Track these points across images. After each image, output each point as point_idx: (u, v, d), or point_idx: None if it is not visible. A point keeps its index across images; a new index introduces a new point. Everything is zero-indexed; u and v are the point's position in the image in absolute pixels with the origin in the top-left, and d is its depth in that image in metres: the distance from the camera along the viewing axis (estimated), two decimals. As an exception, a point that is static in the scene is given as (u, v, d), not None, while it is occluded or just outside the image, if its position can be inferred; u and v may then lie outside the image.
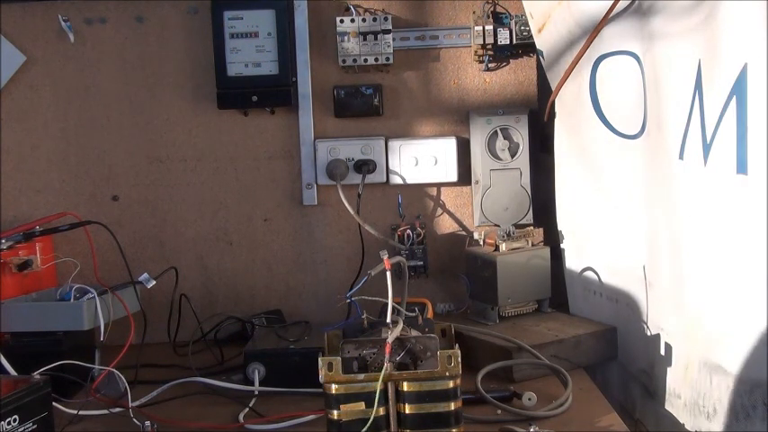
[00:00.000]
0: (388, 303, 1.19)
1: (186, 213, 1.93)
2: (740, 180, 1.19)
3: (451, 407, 1.14)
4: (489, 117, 1.85)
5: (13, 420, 1.19)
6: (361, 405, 1.13)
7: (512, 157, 1.85)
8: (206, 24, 1.85)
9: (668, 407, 1.46)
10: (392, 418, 1.14)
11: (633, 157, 1.56)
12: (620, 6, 1.48)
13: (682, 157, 1.36)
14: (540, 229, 1.90)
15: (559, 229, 1.81)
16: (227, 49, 1.83)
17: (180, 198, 1.93)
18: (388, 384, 1.13)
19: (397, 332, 1.14)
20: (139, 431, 1.33)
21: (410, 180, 1.89)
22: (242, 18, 1.83)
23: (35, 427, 1.23)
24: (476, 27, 1.84)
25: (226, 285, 1.94)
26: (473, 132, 1.86)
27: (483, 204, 1.86)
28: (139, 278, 1.71)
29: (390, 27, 1.85)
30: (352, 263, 1.91)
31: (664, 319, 1.49)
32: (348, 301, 1.67)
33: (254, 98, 1.85)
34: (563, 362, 1.55)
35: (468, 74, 1.90)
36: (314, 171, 1.90)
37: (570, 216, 1.79)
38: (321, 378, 1.14)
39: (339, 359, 1.13)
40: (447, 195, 1.92)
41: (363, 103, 1.88)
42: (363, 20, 1.85)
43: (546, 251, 1.78)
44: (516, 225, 1.82)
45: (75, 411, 1.42)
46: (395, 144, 1.89)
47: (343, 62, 1.86)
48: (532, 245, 1.79)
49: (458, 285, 1.89)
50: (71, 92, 1.91)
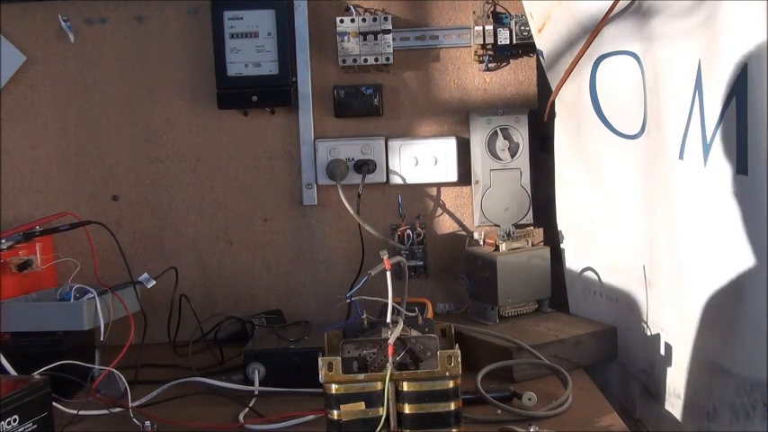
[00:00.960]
0: (388, 303, 1.19)
1: (186, 213, 1.93)
2: (740, 180, 1.19)
3: (451, 407, 1.14)
4: (489, 117, 1.85)
5: (13, 420, 1.19)
6: (361, 405, 1.13)
7: (512, 157, 1.85)
8: (206, 24, 1.85)
9: (668, 407, 1.46)
10: (392, 418, 1.14)
11: (633, 157, 1.56)
12: (620, 6, 1.48)
13: (682, 157, 1.36)
14: (540, 229, 1.90)
15: (559, 229, 1.81)
16: (227, 49, 1.83)
17: (180, 198, 1.93)
18: (389, 384, 1.13)
19: (398, 332, 1.14)
20: (139, 431, 1.33)
21: (410, 180, 1.89)
22: (242, 18, 1.83)
23: (35, 427, 1.23)
24: (476, 27, 1.84)
25: (226, 285, 1.94)
26: (473, 132, 1.86)
27: (483, 204, 1.86)
28: (139, 278, 1.71)
29: (390, 27, 1.85)
30: (352, 263, 1.91)
31: (664, 319, 1.49)
32: (348, 301, 1.67)
33: (254, 98, 1.85)
34: (563, 362, 1.55)
35: (468, 74, 1.90)
36: (314, 171, 1.90)
37: (570, 216, 1.79)
38: (321, 378, 1.14)
39: (339, 359, 1.13)
40: (447, 195, 1.92)
41: (363, 103, 1.88)
42: (363, 20, 1.85)
43: (546, 251, 1.78)
44: (516, 225, 1.82)
45: (76, 411, 1.42)
46: (395, 144, 1.89)
47: (343, 62, 1.86)
48: (532, 245, 1.79)
49: (458, 285, 1.89)
50: (71, 92, 1.91)
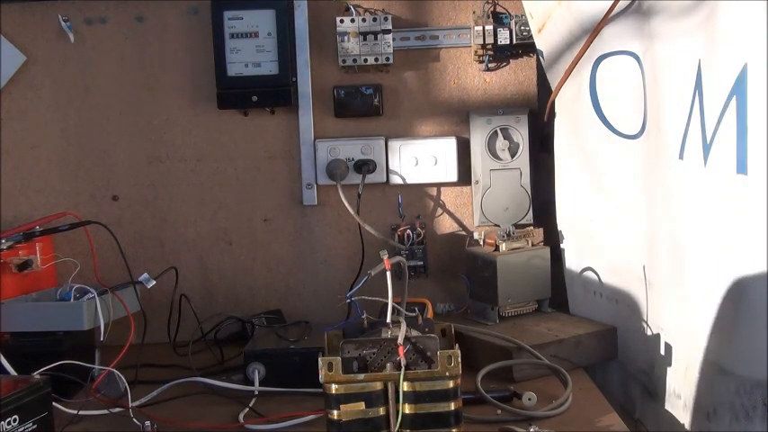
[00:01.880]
0: (388, 303, 1.19)
1: (186, 213, 1.93)
2: (740, 180, 1.19)
3: (451, 407, 1.14)
4: (489, 117, 1.85)
5: (13, 420, 1.19)
6: (361, 405, 1.13)
7: (512, 157, 1.85)
8: (206, 24, 1.85)
9: (668, 407, 1.46)
10: (392, 418, 1.14)
11: (633, 157, 1.56)
12: (620, 6, 1.48)
13: (682, 157, 1.36)
14: (540, 229, 1.90)
15: (559, 229, 1.81)
16: (227, 49, 1.83)
17: (180, 198, 1.93)
18: (389, 384, 1.13)
19: (404, 332, 1.14)
20: (139, 431, 1.33)
21: (410, 180, 1.89)
22: (242, 18, 1.83)
23: (35, 427, 1.23)
24: (476, 27, 1.84)
25: (226, 285, 1.94)
26: (473, 132, 1.86)
27: (483, 204, 1.86)
28: (139, 278, 1.71)
29: (390, 27, 1.85)
30: (352, 263, 1.91)
31: (664, 319, 1.49)
32: (348, 301, 1.67)
33: (254, 98, 1.85)
34: (563, 362, 1.55)
35: (468, 74, 1.90)
36: (314, 171, 1.90)
37: (570, 216, 1.79)
38: (321, 378, 1.14)
39: (339, 359, 1.13)
40: (447, 195, 1.92)
41: (363, 103, 1.88)
42: (363, 20, 1.85)
43: (546, 251, 1.78)
44: (516, 225, 1.82)
45: (76, 411, 1.42)
46: (395, 144, 1.89)
47: (343, 62, 1.86)
48: (532, 245, 1.79)
49: (458, 285, 1.89)
50: (71, 92, 1.91)
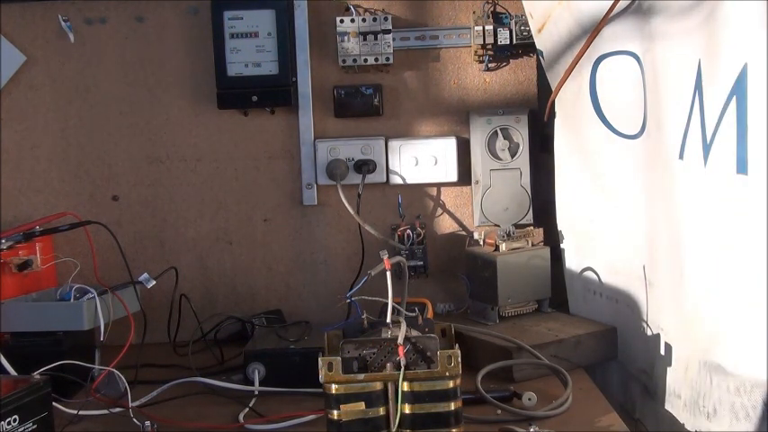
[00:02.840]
0: (388, 303, 1.19)
1: (186, 213, 1.93)
2: (740, 180, 1.19)
3: (451, 407, 1.14)
4: (489, 117, 1.85)
5: (13, 420, 1.19)
6: (361, 405, 1.13)
7: (512, 157, 1.85)
8: (206, 24, 1.85)
9: (668, 407, 1.46)
10: (392, 418, 1.14)
11: (633, 157, 1.56)
12: (620, 6, 1.48)
13: (682, 157, 1.36)
14: (540, 229, 1.89)
15: (559, 229, 1.81)
16: (227, 49, 1.83)
17: (180, 198, 1.93)
18: (389, 384, 1.13)
19: (404, 332, 1.14)
20: (139, 431, 1.33)
21: (410, 180, 1.89)
22: (242, 18, 1.83)
23: (35, 427, 1.23)
24: (476, 27, 1.84)
25: (226, 285, 1.94)
26: (473, 132, 1.86)
27: (483, 204, 1.86)
28: (139, 278, 1.71)
29: (390, 27, 1.85)
30: (352, 263, 1.91)
31: (664, 319, 1.49)
32: (348, 301, 1.67)
33: (254, 98, 1.84)
34: (563, 362, 1.55)
35: (468, 74, 1.90)
36: (314, 171, 1.90)
37: (570, 216, 1.79)
38: (321, 378, 1.14)
39: (339, 359, 1.13)
40: (447, 195, 1.92)
41: (363, 103, 1.88)
42: (363, 20, 1.85)
43: (546, 251, 1.78)
44: (516, 225, 1.82)
45: (76, 411, 1.42)
46: (395, 144, 1.89)
47: (343, 62, 1.86)
48: (532, 245, 1.79)
49: (458, 285, 1.89)
50: (71, 92, 1.91)
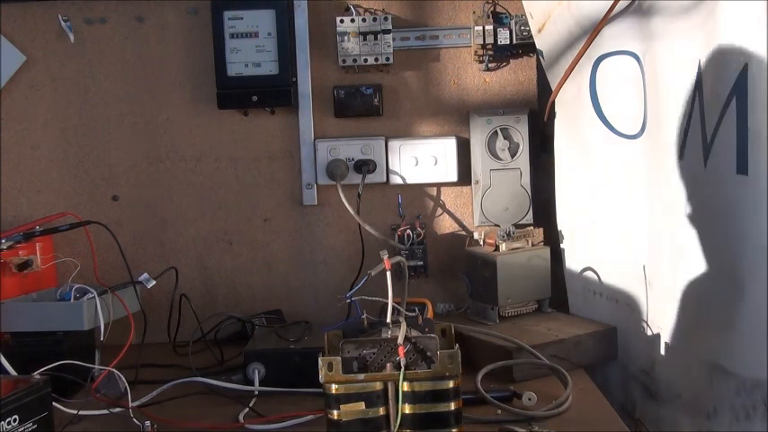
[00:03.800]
0: (388, 303, 1.19)
1: (186, 213, 1.93)
2: (740, 180, 1.19)
3: (451, 407, 1.14)
4: (489, 117, 1.85)
5: (13, 420, 1.19)
6: (361, 405, 1.13)
7: (512, 157, 1.85)
8: (206, 24, 1.85)
9: (668, 407, 1.46)
10: (392, 418, 1.14)
11: (633, 157, 1.56)
12: (620, 6, 1.48)
13: (682, 157, 1.36)
14: (540, 229, 1.89)
15: (559, 229, 1.81)
16: (227, 49, 1.83)
17: (180, 198, 1.93)
18: (389, 384, 1.13)
19: (404, 332, 1.13)
20: (139, 431, 1.33)
21: (410, 180, 1.89)
22: (242, 18, 1.83)
23: (35, 427, 1.23)
24: (476, 27, 1.84)
25: (226, 285, 1.94)
26: (473, 132, 1.86)
27: (483, 204, 1.86)
28: (139, 278, 1.71)
29: (390, 27, 1.85)
30: (353, 263, 1.90)
31: (664, 319, 1.49)
32: (348, 301, 1.67)
33: (254, 98, 1.84)
34: (563, 362, 1.55)
35: (468, 74, 1.90)
36: (314, 171, 1.90)
37: (570, 216, 1.79)
38: (321, 378, 1.13)
39: (339, 359, 1.13)
40: (447, 195, 1.92)
41: (363, 103, 1.88)
42: (363, 20, 1.85)
43: (546, 251, 1.78)
44: (516, 225, 1.82)
45: (76, 411, 1.42)
46: (395, 144, 1.89)
47: (343, 62, 1.86)
48: (532, 245, 1.79)
49: (458, 285, 1.89)
50: (71, 92, 1.91)
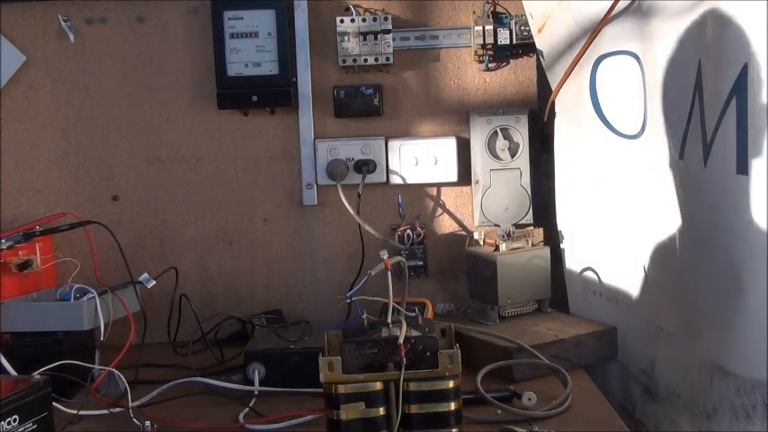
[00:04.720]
0: (388, 303, 1.19)
1: (186, 213, 1.93)
2: (740, 180, 1.19)
3: (451, 407, 1.14)
4: (489, 117, 1.85)
5: (13, 420, 1.19)
6: (362, 405, 1.13)
7: (512, 157, 1.85)
8: (206, 24, 1.85)
9: (668, 407, 1.46)
10: (392, 418, 1.14)
11: (633, 157, 1.56)
12: (620, 6, 1.48)
13: (682, 157, 1.36)
14: (540, 229, 1.89)
15: (559, 229, 1.81)
16: (227, 49, 1.83)
17: (180, 198, 1.93)
18: (389, 384, 1.13)
19: (404, 332, 1.13)
20: (139, 431, 1.33)
21: (410, 180, 1.89)
22: (242, 18, 1.83)
23: (35, 427, 1.24)
24: (476, 27, 1.84)
25: (226, 285, 1.94)
26: (473, 132, 1.86)
27: (483, 204, 1.86)
28: (139, 278, 1.71)
29: (390, 27, 1.85)
30: (352, 263, 1.90)
31: (664, 319, 1.49)
32: (348, 301, 1.67)
33: (254, 98, 1.85)
34: (563, 362, 1.55)
35: (468, 74, 1.90)
36: (314, 171, 1.90)
37: (570, 216, 1.79)
38: (321, 378, 1.14)
39: (339, 359, 1.13)
40: (447, 195, 1.92)
41: (363, 103, 1.88)
42: (363, 20, 1.85)
43: (546, 251, 1.78)
44: (516, 225, 1.82)
45: (76, 411, 1.42)
46: (395, 144, 1.89)
47: (343, 62, 1.86)
48: (532, 245, 1.79)
49: (458, 285, 1.89)
50: (71, 92, 1.91)
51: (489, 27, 1.83)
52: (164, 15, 1.89)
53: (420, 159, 1.88)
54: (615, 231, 1.65)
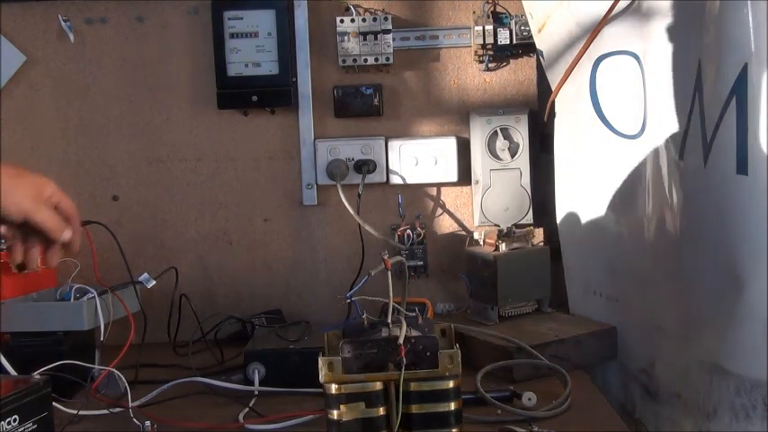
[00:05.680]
0: (388, 303, 1.19)
1: (186, 213, 1.93)
2: (740, 180, 1.19)
3: (451, 407, 1.13)
4: (489, 117, 1.85)
5: (13, 420, 1.19)
6: (361, 405, 1.12)
7: (512, 157, 1.85)
8: (206, 24, 1.85)
9: (668, 407, 1.46)
10: (392, 418, 1.13)
11: (633, 157, 1.56)
12: (620, 6, 1.48)
13: (682, 157, 1.36)
14: (540, 229, 1.89)
15: (559, 229, 1.81)
16: (227, 49, 1.83)
17: (180, 198, 1.93)
18: (389, 384, 1.13)
19: (404, 332, 1.13)
20: (139, 431, 1.33)
21: (410, 180, 1.89)
22: (242, 18, 1.83)
23: (35, 427, 1.23)
24: (476, 27, 1.84)
25: (226, 285, 1.94)
26: (473, 132, 1.86)
27: (483, 204, 1.86)
28: (139, 278, 1.71)
29: (390, 27, 1.85)
30: (352, 263, 1.90)
31: (664, 319, 1.49)
32: (348, 301, 1.67)
33: (254, 98, 1.85)
34: (563, 362, 1.55)
35: (468, 74, 1.90)
36: (314, 171, 1.90)
37: (570, 216, 1.79)
38: (321, 378, 1.13)
39: (339, 359, 1.13)
40: (447, 195, 1.92)
41: (363, 103, 1.88)
42: (363, 20, 1.85)
43: (546, 251, 1.78)
44: (516, 225, 1.82)
45: (76, 411, 1.42)
46: (395, 144, 1.89)
47: (343, 62, 1.86)
48: (532, 245, 1.79)
49: (458, 285, 1.89)
50: (71, 92, 1.91)
51: (489, 27, 1.84)
52: (164, 15, 1.89)
53: (420, 159, 1.88)
54: (615, 231, 1.65)
